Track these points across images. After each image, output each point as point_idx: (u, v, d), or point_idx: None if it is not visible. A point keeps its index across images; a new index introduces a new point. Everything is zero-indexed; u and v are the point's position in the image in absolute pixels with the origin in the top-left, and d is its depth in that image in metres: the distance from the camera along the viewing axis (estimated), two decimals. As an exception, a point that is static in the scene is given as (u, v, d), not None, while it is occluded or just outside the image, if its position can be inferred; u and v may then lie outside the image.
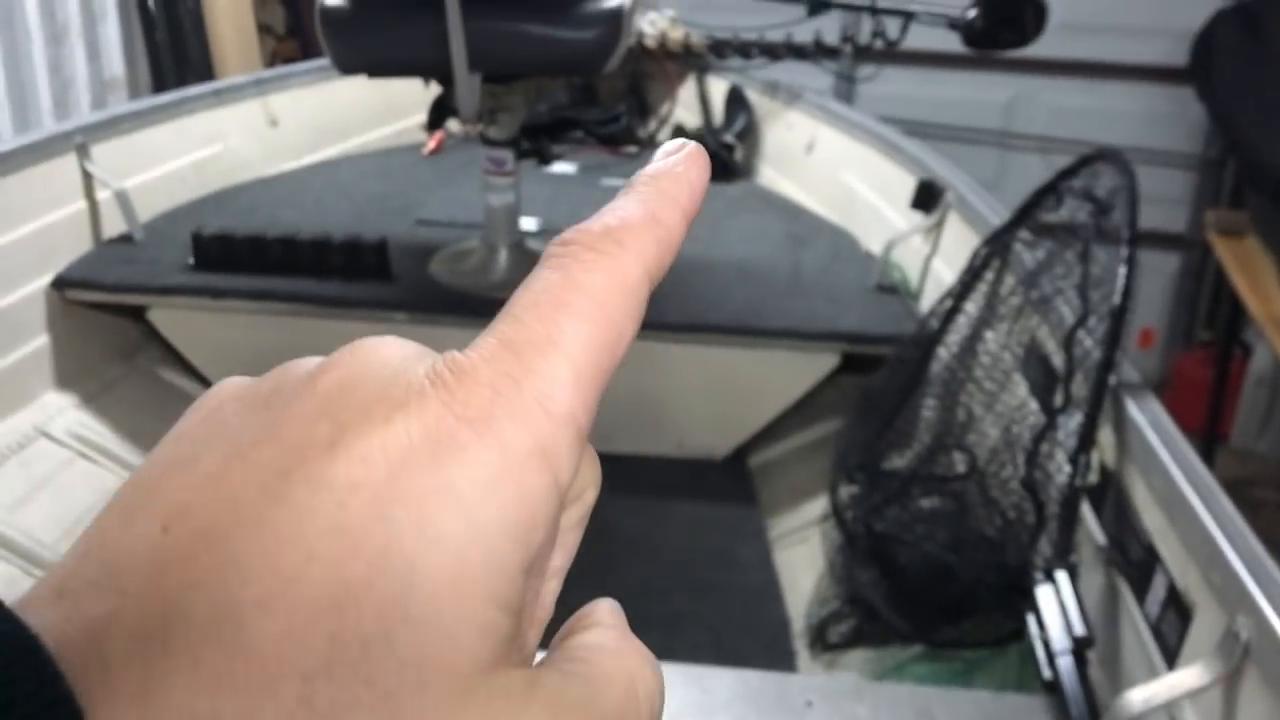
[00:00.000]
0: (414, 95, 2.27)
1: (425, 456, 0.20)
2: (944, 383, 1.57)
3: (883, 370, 1.75)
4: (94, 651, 0.19)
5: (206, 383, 2.16)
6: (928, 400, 1.60)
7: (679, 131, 2.91)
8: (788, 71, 2.85)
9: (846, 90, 3.43)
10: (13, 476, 1.83)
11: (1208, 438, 3.08)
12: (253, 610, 0.19)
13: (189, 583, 0.19)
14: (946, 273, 1.90)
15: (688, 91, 3.04)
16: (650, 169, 0.26)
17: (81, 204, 2.09)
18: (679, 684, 1.23)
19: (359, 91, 2.71)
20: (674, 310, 1.97)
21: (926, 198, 2.06)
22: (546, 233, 2.30)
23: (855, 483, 1.60)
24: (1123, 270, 1.29)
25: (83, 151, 2.06)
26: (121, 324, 2.15)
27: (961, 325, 1.59)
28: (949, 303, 1.62)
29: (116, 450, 1.99)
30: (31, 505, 1.82)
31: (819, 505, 1.87)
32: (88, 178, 2.09)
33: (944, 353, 1.60)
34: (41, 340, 1.98)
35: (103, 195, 2.12)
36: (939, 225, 2.03)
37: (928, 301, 1.90)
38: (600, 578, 1.81)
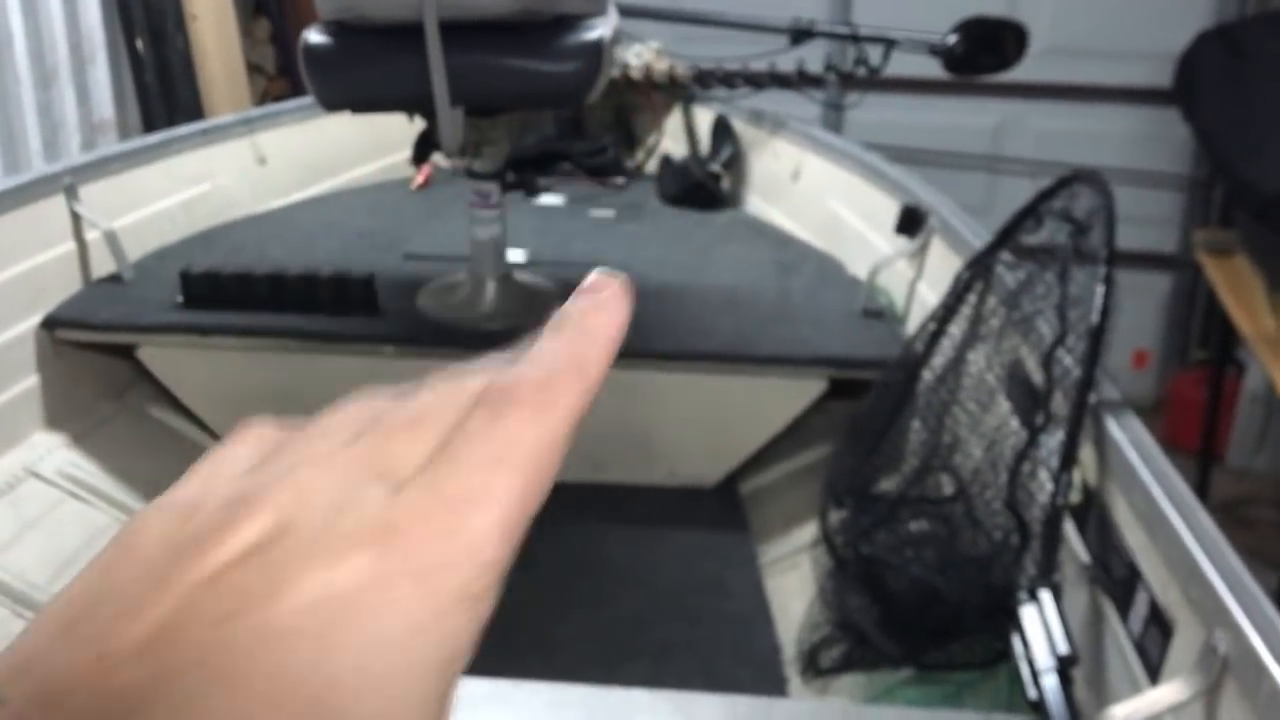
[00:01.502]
0: (401, 131, 2.28)
1: (365, 605, 0.21)
2: (930, 405, 1.57)
3: (870, 394, 1.75)
4: None
5: (196, 420, 2.16)
6: (914, 423, 1.60)
7: (666, 161, 2.93)
8: (774, 101, 2.87)
9: (834, 119, 3.45)
10: (3, 517, 1.83)
11: (1204, 457, 3.08)
12: None
13: (132, 715, 0.20)
14: (931, 296, 1.91)
15: (674, 122, 3.06)
16: (577, 306, 0.27)
17: (71, 244, 2.10)
18: (667, 712, 1.23)
19: (346, 128, 2.73)
20: (663, 339, 1.98)
21: (910, 222, 2.07)
22: (534, 265, 2.32)
23: (844, 507, 1.60)
24: (1100, 289, 1.30)
25: (71, 192, 2.08)
26: (111, 363, 2.15)
27: (946, 348, 1.60)
28: (933, 326, 1.63)
29: (107, 490, 1.99)
30: (21, 546, 1.82)
31: (809, 531, 1.86)
32: (76, 218, 2.10)
33: (929, 375, 1.60)
34: (31, 380, 1.99)
35: (92, 235, 2.13)
36: (923, 249, 2.04)
37: (913, 325, 1.90)
38: (592, 607, 1.81)
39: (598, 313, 0.27)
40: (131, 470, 2.06)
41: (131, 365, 2.13)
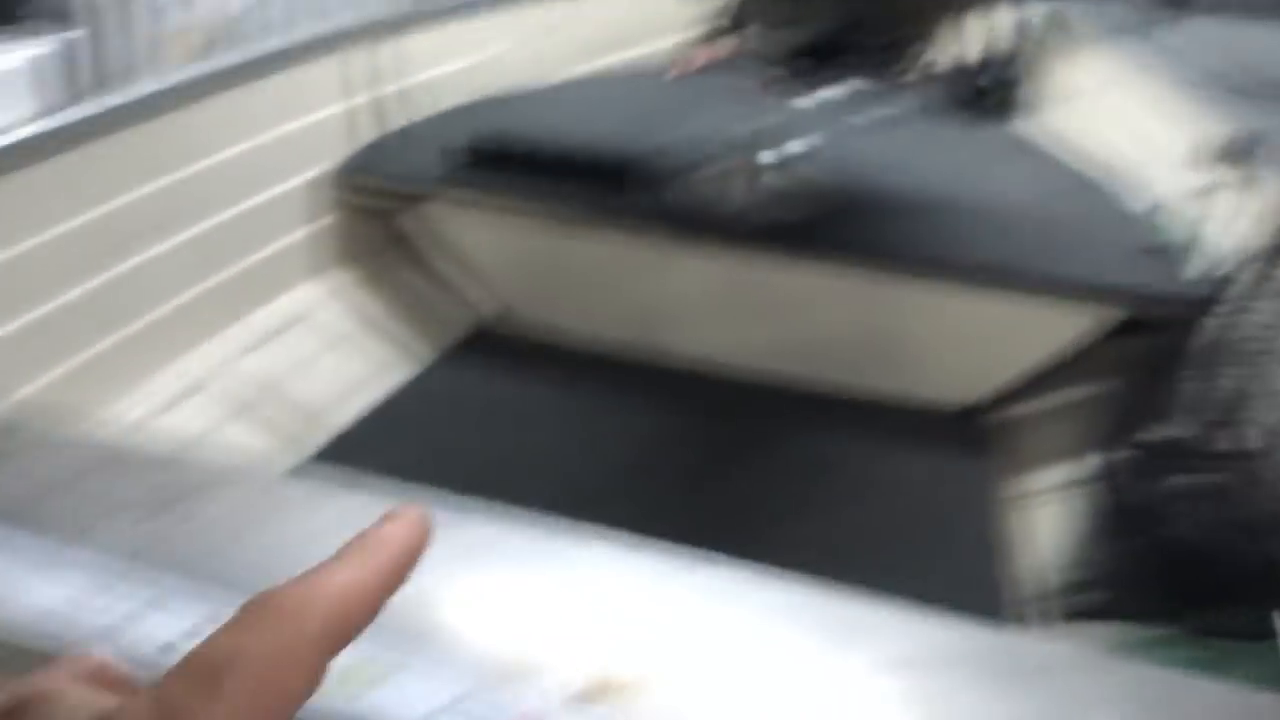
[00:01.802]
0: (681, 16, 2.24)
1: None
2: (1237, 354, 1.45)
3: (1165, 335, 1.63)
4: None
5: (462, 274, 2.23)
6: (1218, 370, 1.48)
7: (954, 65, 2.78)
8: (1081, 9, 2.67)
9: (1147, 35, 3.19)
10: (276, 356, 1.95)
11: None
12: None
13: None
14: (1240, 236, 1.75)
15: (970, 24, 2.90)
16: (366, 532, 0.28)
17: (363, 99, 2.18)
18: (897, 630, 1.19)
19: (632, 6, 2.71)
20: (925, 249, 1.89)
21: (1231, 154, 1.89)
22: (808, 157, 2.25)
23: (1119, 451, 1.50)
24: None
25: (370, 48, 2.14)
26: (388, 217, 2.23)
27: (1267, 293, 1.46)
28: (1255, 268, 1.49)
29: (374, 336, 2.08)
30: (312, 371, 1.93)
31: (1065, 470, 1.77)
32: (372, 73, 2.16)
33: (1242, 321, 1.47)
34: (313, 228, 2.09)
35: (384, 92, 2.20)
36: (1238, 184, 1.87)
37: (1218, 265, 1.75)
38: (825, 515, 1.78)
39: (382, 538, 0.28)
40: (405, 317, 2.15)
41: (404, 220, 2.21)
